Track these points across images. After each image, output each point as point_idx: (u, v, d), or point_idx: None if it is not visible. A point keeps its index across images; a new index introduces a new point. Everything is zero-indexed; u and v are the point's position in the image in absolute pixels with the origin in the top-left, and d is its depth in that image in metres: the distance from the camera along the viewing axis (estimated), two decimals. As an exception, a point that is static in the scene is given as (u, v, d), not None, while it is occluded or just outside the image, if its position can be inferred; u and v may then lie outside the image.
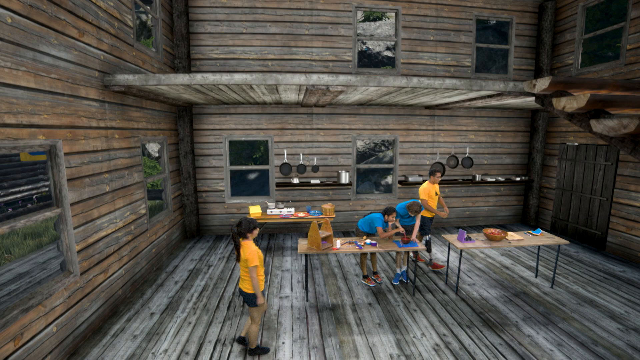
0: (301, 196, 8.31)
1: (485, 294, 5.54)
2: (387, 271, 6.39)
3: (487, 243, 5.47)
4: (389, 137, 8.49)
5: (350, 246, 5.39)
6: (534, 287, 5.74)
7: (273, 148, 8.13)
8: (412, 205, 5.66)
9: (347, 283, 5.86)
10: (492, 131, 8.76)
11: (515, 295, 5.45)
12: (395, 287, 5.73)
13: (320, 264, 6.65)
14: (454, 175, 8.75)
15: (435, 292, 5.61)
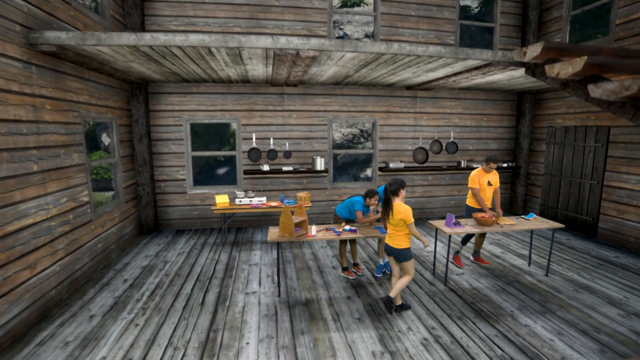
0: (272, 185, 7.93)
1: (476, 283, 5.27)
2: (368, 263, 6.04)
3: (478, 227, 5.18)
4: (367, 119, 8.19)
5: (327, 233, 4.99)
6: (528, 275, 5.52)
7: (240, 132, 7.69)
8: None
9: (323, 276, 5.49)
10: (478, 114, 8.60)
11: (508, 284, 5.21)
12: (377, 279, 5.40)
13: (293, 257, 6.26)
14: (438, 161, 8.59)
15: (422, 283, 5.32)
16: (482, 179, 5.60)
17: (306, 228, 5.07)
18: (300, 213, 5.22)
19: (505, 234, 7.62)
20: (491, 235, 7.65)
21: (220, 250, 6.60)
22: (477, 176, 5.61)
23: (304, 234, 4.96)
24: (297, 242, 7.05)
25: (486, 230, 5.11)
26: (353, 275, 5.42)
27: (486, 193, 5.61)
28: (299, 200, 6.88)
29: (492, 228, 5.18)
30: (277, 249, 4.70)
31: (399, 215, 4.09)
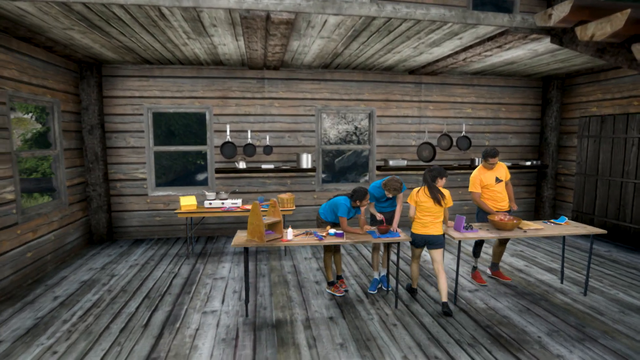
0: (250, 186, 7.57)
1: (493, 302, 4.77)
2: (360, 277, 5.60)
3: (494, 232, 4.71)
4: (363, 109, 7.80)
5: (307, 238, 4.56)
6: (560, 293, 5.03)
7: (212, 123, 7.30)
8: (390, 182, 4.69)
9: (302, 292, 5.06)
10: (494, 104, 8.25)
11: (534, 304, 4.71)
12: (369, 297, 4.92)
13: (269, 270, 5.85)
14: (447, 159, 8.26)
15: (425, 301, 4.81)
16: (485, 177, 5.16)
17: (281, 231, 4.62)
18: (273, 213, 4.74)
19: (530, 244, 7.19)
20: (512, 246, 7.12)
21: (182, 262, 6.19)
22: (477, 177, 5.16)
23: (278, 238, 4.52)
24: (277, 252, 6.72)
25: (505, 236, 4.58)
26: (341, 292, 4.97)
27: (497, 191, 5.14)
28: (280, 202, 6.41)
29: (513, 233, 4.66)
30: (245, 257, 4.22)
31: (450, 202, 4.43)
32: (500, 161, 5.27)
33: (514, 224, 4.66)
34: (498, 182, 5.14)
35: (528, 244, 7.22)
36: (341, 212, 4.71)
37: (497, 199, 5.13)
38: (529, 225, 4.93)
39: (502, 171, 5.20)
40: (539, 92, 8.44)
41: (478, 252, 5.43)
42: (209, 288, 5.17)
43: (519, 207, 8.72)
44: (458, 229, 4.72)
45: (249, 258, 6.44)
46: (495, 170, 5.16)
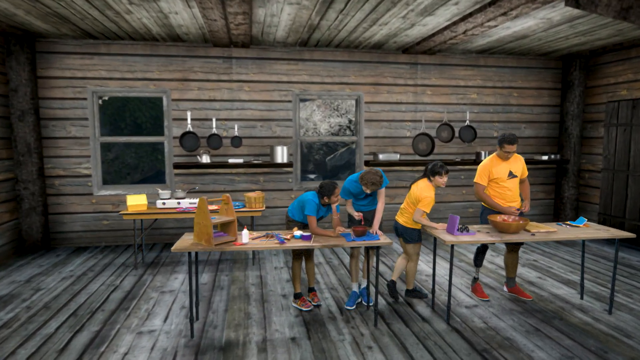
0: (216, 184, 7.42)
1: (495, 321, 4.49)
2: (337, 289, 5.38)
3: (495, 236, 4.42)
4: (348, 95, 7.63)
5: (267, 241, 4.33)
6: (578, 310, 4.75)
7: (170, 109, 7.10)
8: (367, 175, 4.45)
9: (264, 307, 4.85)
10: (505, 88, 8.14)
11: (544, 323, 4.44)
12: (344, 314, 4.69)
13: (230, 282, 5.65)
14: (448, 153, 8.14)
15: (411, 319, 4.55)
16: (497, 169, 4.85)
17: (234, 233, 4.36)
18: (226, 211, 4.49)
19: (546, 253, 6.96)
20: (524, 254, 6.85)
21: (127, 273, 5.97)
22: (487, 167, 4.85)
23: (231, 241, 4.28)
24: (243, 261, 6.49)
25: (508, 240, 4.27)
26: (308, 305, 4.74)
27: (508, 188, 4.85)
28: (248, 203, 6.21)
29: (518, 237, 4.36)
30: (189, 267, 3.94)
31: (414, 195, 4.61)
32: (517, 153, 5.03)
33: (520, 225, 4.36)
34: (511, 177, 4.84)
35: (544, 252, 6.96)
36: (308, 210, 4.46)
37: (506, 198, 4.84)
38: (539, 228, 4.64)
39: (518, 165, 4.88)
40: (558, 73, 8.32)
41: (480, 260, 5.15)
42: (152, 303, 4.94)
43: (533, 210, 8.60)
44: (451, 231, 4.45)
45: (208, 267, 6.21)
46: (510, 163, 4.86)
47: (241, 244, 4.18)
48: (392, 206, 7.98)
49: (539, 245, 7.43)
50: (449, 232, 4.46)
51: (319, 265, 6.26)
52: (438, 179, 4.55)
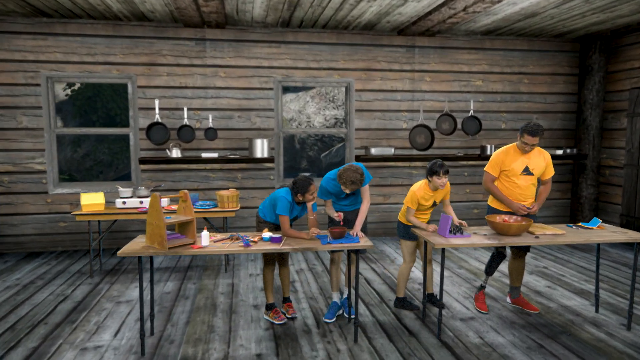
0: (188, 181, 7.41)
1: (492, 336, 4.39)
2: (316, 299, 5.32)
3: (494, 239, 4.30)
4: (337, 82, 7.59)
5: (231, 244, 4.24)
6: (591, 325, 4.66)
7: (136, 98, 7.06)
8: (345, 173, 4.40)
9: (231, 319, 4.80)
10: (514, 74, 8.11)
11: (550, 339, 4.33)
12: (322, 327, 4.61)
13: (197, 290, 5.61)
14: (450, 147, 8.11)
15: (397, 334, 4.46)
16: (512, 161, 4.72)
17: (193, 235, 4.24)
18: (184, 209, 4.37)
19: (559, 259, 6.88)
20: (534, 260, 6.77)
21: (82, 281, 5.88)
22: (500, 157, 4.72)
23: (188, 243, 4.17)
24: (215, 267, 6.44)
25: (507, 243, 4.14)
26: (281, 318, 4.65)
27: (518, 185, 4.71)
28: (220, 202, 6.10)
29: (519, 240, 4.24)
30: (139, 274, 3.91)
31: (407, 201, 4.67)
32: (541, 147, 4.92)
33: (521, 226, 4.21)
34: (527, 174, 4.70)
35: (556, 259, 6.85)
36: (280, 209, 4.34)
37: (513, 195, 4.71)
38: (544, 230, 4.51)
39: (539, 162, 4.72)
40: (575, 57, 8.27)
41: (493, 269, 5.03)
42: (104, 315, 4.86)
43: (546, 212, 8.56)
44: (442, 233, 4.34)
45: (175, 274, 6.17)
46: (530, 157, 4.71)
47: (199, 247, 4.06)
48: (386, 206, 7.92)
49: (551, 250, 7.33)
50: (440, 234, 4.35)
51: (300, 272, 6.18)
52: (436, 179, 4.45)
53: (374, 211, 7.89)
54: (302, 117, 15.15)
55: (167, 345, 4.15)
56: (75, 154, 14.00)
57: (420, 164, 8.05)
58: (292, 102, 15.57)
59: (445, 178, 4.42)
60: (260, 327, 4.53)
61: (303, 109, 15.20)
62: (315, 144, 15.38)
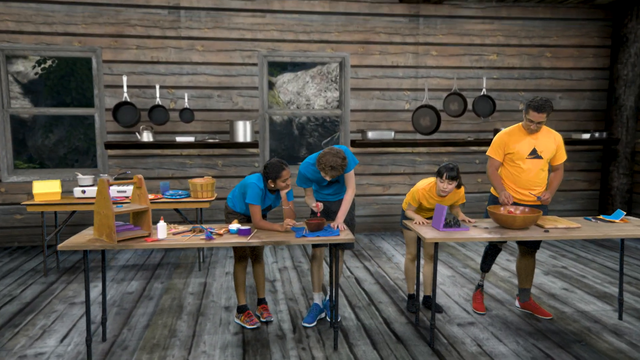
0: (162, 168, 7.47)
1: (493, 344, 4.33)
2: (297, 300, 5.36)
3: (496, 232, 4.23)
4: (330, 56, 7.68)
5: (192, 236, 4.23)
6: (610, 333, 4.57)
7: (101, 74, 7.10)
8: (324, 157, 4.35)
9: (197, 322, 4.83)
10: (534, 46, 8.06)
11: (560, 348, 4.28)
12: (299, 331, 4.63)
13: (164, 290, 5.66)
14: (459, 131, 8.14)
15: (383, 340, 4.43)
16: (516, 142, 4.64)
17: (148, 226, 4.25)
18: (139, 198, 4.33)
19: (581, 258, 6.84)
20: (551, 259, 6.68)
21: (35, 280, 5.93)
22: (503, 138, 4.67)
23: (142, 236, 4.16)
24: (189, 265, 6.47)
25: (511, 238, 4.06)
26: (254, 322, 4.63)
27: (524, 170, 4.66)
28: (192, 189, 6.10)
29: (526, 234, 4.16)
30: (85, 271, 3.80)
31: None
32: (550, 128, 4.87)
33: (528, 218, 4.11)
34: (534, 157, 4.62)
35: (577, 258, 6.80)
36: (250, 197, 4.31)
37: (519, 182, 4.64)
38: (556, 222, 4.42)
39: (548, 143, 4.64)
40: (607, 26, 8.21)
41: (488, 265, 5.04)
42: (53, 318, 4.86)
43: (571, 205, 8.52)
44: (436, 226, 4.27)
45: (141, 273, 6.19)
46: (538, 138, 4.63)
47: (155, 240, 4.04)
48: (385, 198, 7.96)
49: (574, 248, 7.29)
50: (434, 227, 4.29)
51: (283, 270, 6.21)
52: (438, 182, 4.39)
53: (372, 203, 7.91)
54: (301, 99, 15.13)
55: (118, 352, 4.14)
56: (47, 140, 14.04)
57: (424, 150, 8.03)
58: (290, 82, 15.54)
59: (450, 184, 4.31)
60: (229, 332, 4.52)
61: (302, 90, 15.19)
62: (316, 129, 15.38)
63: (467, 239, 4.00)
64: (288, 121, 15.23)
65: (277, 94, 15.36)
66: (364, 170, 7.95)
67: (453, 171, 4.26)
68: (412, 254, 4.82)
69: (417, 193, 4.49)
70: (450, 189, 4.29)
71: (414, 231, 4.32)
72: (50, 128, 13.95)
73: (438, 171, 4.35)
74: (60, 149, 13.95)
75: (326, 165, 4.18)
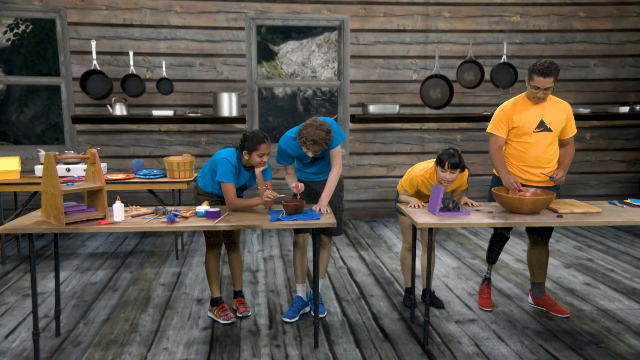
0: (138, 145, 7.56)
1: (493, 344, 4.34)
2: (279, 293, 5.46)
3: (500, 217, 4.23)
4: (327, 19, 7.66)
5: (153, 219, 4.28)
6: (633, 334, 4.57)
7: (67, 38, 7.10)
8: (305, 130, 4.30)
9: (164, 316, 4.89)
10: (565, 5, 8.01)
11: (571, 350, 4.27)
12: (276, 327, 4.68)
13: (131, 281, 5.75)
14: (474, 103, 8.19)
15: (369, 338, 4.45)
16: (521, 114, 4.60)
17: (104, 208, 4.25)
18: (94, 176, 4.32)
19: (611, 249, 6.83)
20: (576, 250, 6.70)
21: None
22: (507, 110, 4.64)
23: (95, 218, 4.20)
24: (165, 253, 6.58)
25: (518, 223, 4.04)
26: (228, 317, 4.67)
27: (531, 145, 4.62)
28: (168, 168, 6.14)
29: (535, 219, 4.13)
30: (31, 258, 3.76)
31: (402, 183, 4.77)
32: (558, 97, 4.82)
33: (538, 201, 4.08)
34: (543, 129, 4.58)
35: (607, 249, 6.78)
36: (221, 175, 4.31)
37: (527, 160, 4.60)
38: (574, 207, 4.38)
39: (557, 114, 4.61)
40: None
41: (495, 256, 5.04)
42: (2, 311, 4.96)
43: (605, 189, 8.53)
44: (432, 210, 4.25)
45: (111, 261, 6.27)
46: (545, 108, 4.59)
47: (109, 223, 4.08)
48: (389, 180, 8.02)
49: (604, 238, 7.27)
50: (430, 211, 4.29)
51: (269, 260, 6.29)
52: (439, 171, 4.34)
53: (374, 186, 7.96)
54: (306, 71, 15.11)
55: (69, 349, 4.19)
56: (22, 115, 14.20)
57: (434, 126, 8.01)
58: (294, 52, 15.51)
59: (454, 174, 4.27)
60: (197, 327, 4.57)
61: (307, 60, 15.16)
62: (323, 104, 15.38)
63: (465, 224, 3.98)
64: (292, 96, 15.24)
65: (279, 64, 15.35)
66: (365, 149, 7.95)
67: (455, 157, 4.20)
68: (408, 243, 4.82)
69: (415, 179, 4.48)
70: (453, 178, 4.27)
71: (407, 216, 4.33)
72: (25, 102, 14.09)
73: (438, 159, 4.30)
74: (37, 125, 14.10)
75: (308, 139, 4.16)
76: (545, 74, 4.29)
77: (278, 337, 4.39)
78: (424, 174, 4.47)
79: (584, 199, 8.53)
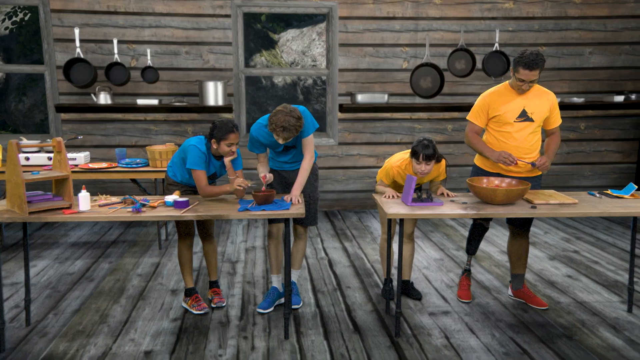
0: (123, 135, 7.59)
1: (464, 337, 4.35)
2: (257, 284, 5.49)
3: (473, 208, 4.23)
4: (315, 6, 7.64)
5: (119, 209, 4.27)
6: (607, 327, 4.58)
7: (50, 25, 7.13)
8: (275, 117, 4.29)
9: (135, 307, 4.92)
10: None
11: (541, 343, 4.27)
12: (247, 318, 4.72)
13: (108, 272, 5.77)
14: (466, 93, 8.20)
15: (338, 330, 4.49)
16: (503, 103, 4.60)
17: (70, 197, 4.27)
18: (60, 164, 4.31)
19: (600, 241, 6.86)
20: (563, 242, 6.70)
21: None
22: (488, 99, 4.63)
23: (61, 207, 4.22)
24: (148, 243, 6.64)
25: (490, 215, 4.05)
26: (202, 307, 4.71)
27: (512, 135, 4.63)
28: (151, 157, 6.16)
29: (508, 210, 4.12)
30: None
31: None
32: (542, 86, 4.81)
33: (512, 192, 4.06)
34: (524, 119, 4.58)
35: (596, 241, 6.79)
36: (191, 162, 4.31)
37: (508, 150, 4.60)
38: (549, 197, 4.38)
39: (541, 104, 4.60)
40: None
41: (474, 247, 5.07)
42: None
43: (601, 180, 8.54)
44: (404, 200, 4.27)
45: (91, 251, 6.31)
46: (528, 98, 4.59)
47: (74, 213, 4.09)
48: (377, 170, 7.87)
49: (594, 230, 7.28)
50: (402, 201, 4.32)
51: (250, 251, 6.31)
52: (414, 163, 4.32)
53: (363, 177, 7.98)
54: (307, 59, 15.02)
55: (35, 339, 4.21)
56: (21, 104, 14.26)
57: (425, 116, 8.00)
58: (294, 40, 15.43)
59: (429, 165, 4.27)
60: (167, 318, 4.59)
61: (308, 49, 15.07)
62: (323, 94, 15.30)
63: (436, 215, 3.98)
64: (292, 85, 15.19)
65: (280, 53, 15.28)
66: (354, 139, 7.97)
67: (429, 149, 4.20)
68: (386, 233, 4.83)
69: (391, 170, 4.48)
70: (429, 170, 4.27)
71: (379, 206, 4.33)
72: (24, 91, 14.14)
73: (413, 151, 4.29)
74: (36, 114, 14.15)
75: (277, 126, 4.14)
76: (532, 67, 4.28)
77: (247, 328, 4.40)
78: (399, 164, 4.47)
79: (579, 190, 8.56)
